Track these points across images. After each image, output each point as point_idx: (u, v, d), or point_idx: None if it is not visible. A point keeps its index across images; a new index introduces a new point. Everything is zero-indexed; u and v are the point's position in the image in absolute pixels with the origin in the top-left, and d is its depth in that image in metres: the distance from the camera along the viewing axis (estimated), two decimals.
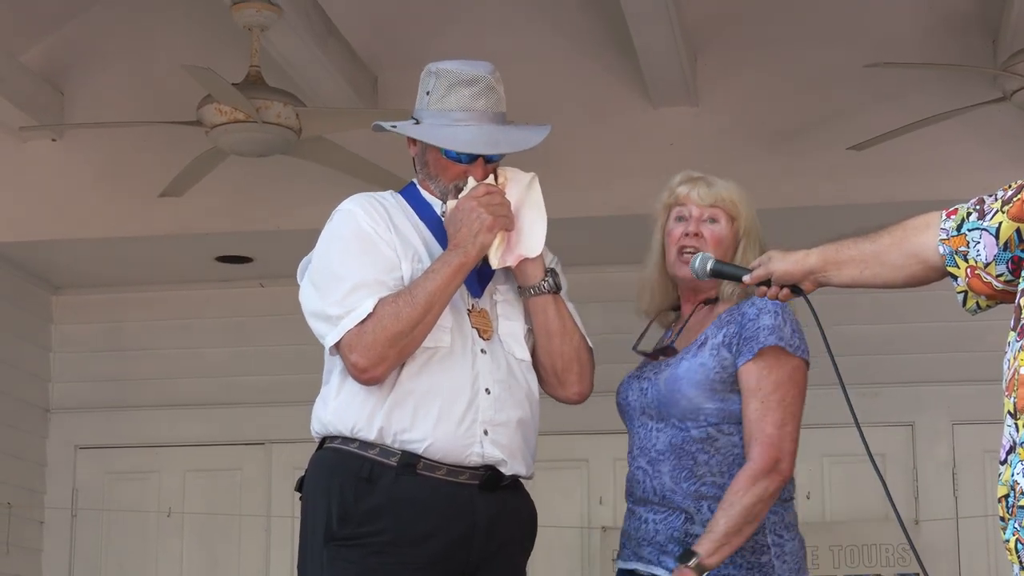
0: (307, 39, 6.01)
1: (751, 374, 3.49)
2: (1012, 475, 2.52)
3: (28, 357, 7.53)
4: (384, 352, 3.27)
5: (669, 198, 3.71)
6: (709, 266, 3.36)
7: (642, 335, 3.77)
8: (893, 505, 3.20)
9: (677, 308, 3.76)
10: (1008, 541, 2.52)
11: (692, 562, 3.34)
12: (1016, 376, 2.52)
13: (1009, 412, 2.54)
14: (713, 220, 3.64)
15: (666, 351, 3.63)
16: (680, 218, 3.66)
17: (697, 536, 3.41)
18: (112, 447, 7.61)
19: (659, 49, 6.05)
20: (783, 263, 3.17)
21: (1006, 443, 2.55)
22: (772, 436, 3.44)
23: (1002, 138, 6.31)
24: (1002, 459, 2.56)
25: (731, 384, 3.52)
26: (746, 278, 3.25)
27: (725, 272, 3.36)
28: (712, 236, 3.62)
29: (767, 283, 3.20)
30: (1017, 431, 2.51)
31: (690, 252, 3.57)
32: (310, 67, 6.19)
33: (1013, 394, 2.52)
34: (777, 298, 3.21)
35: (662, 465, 3.52)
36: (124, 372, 7.62)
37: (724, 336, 3.53)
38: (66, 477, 7.59)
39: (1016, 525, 2.49)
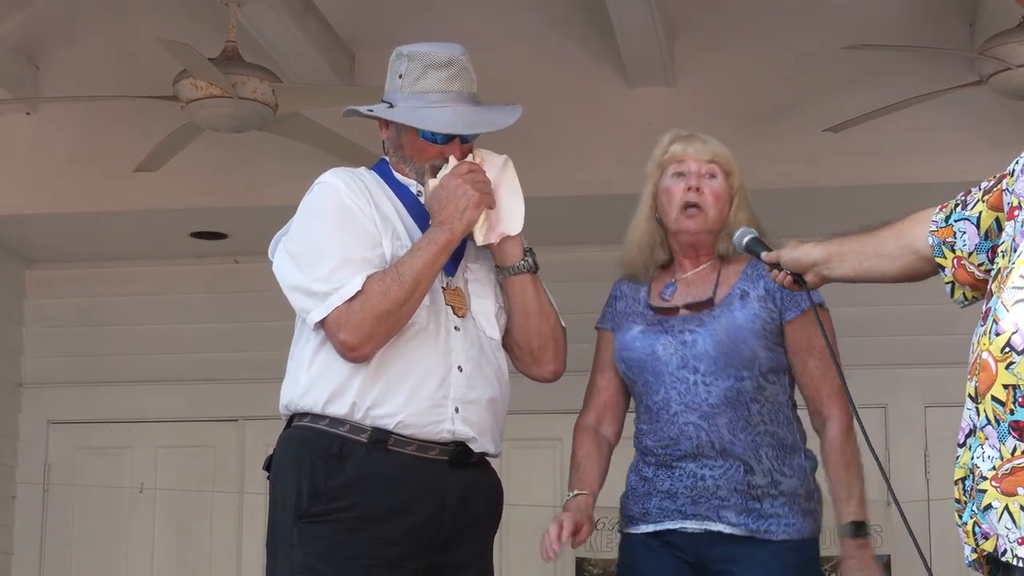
0: (284, 15, 5.99)
1: (802, 330, 3.61)
2: (971, 458, 2.54)
3: (1, 332, 7.50)
4: (373, 330, 3.27)
5: (663, 156, 3.75)
6: (746, 240, 3.48)
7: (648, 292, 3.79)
8: (889, 486, 3.27)
9: (662, 265, 3.79)
10: (965, 524, 2.54)
11: (864, 531, 3.54)
12: (978, 360, 2.55)
13: (970, 395, 2.56)
14: (711, 176, 3.70)
15: (700, 305, 3.66)
16: (678, 175, 3.70)
17: (759, 487, 3.54)
18: (85, 422, 7.59)
19: (637, 28, 6.04)
20: (793, 252, 3.27)
21: (965, 426, 2.58)
22: (840, 390, 3.57)
23: (978, 121, 6.33)
24: (961, 442, 2.59)
25: (777, 336, 3.63)
26: (763, 255, 3.37)
27: (754, 249, 3.46)
28: (712, 192, 3.68)
29: (778, 267, 3.31)
30: (978, 415, 2.53)
31: (695, 207, 3.65)
32: (287, 43, 6.16)
33: (975, 378, 2.55)
34: (782, 284, 3.32)
35: (718, 419, 3.56)
36: (97, 347, 7.60)
37: (766, 290, 3.62)
38: (38, 452, 7.58)
39: (974, 507, 2.52)
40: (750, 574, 3.51)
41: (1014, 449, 2.46)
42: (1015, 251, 2.59)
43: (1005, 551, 2.45)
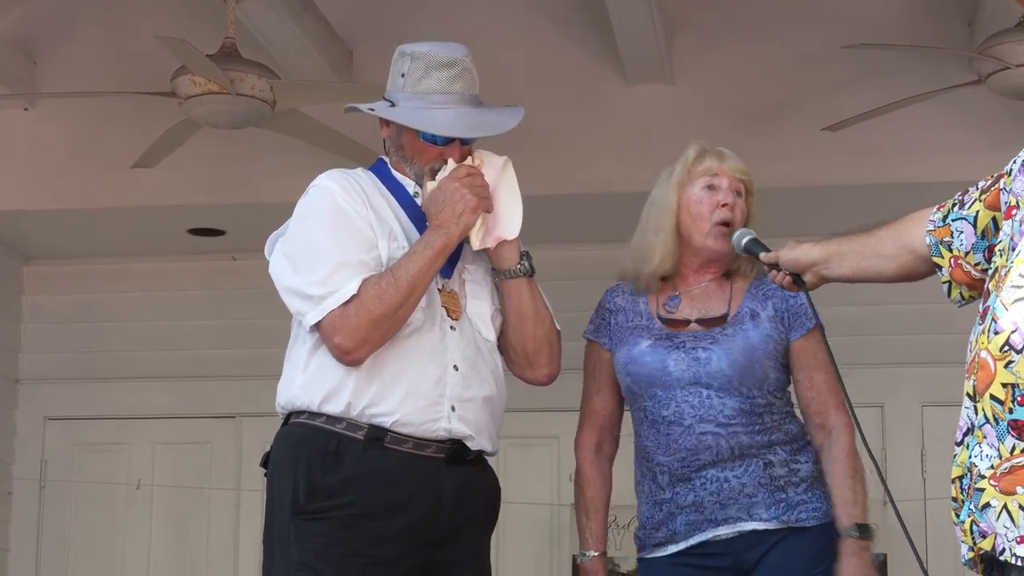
0: (283, 12, 5.98)
1: (808, 347, 3.64)
2: (969, 457, 2.54)
3: None
4: (368, 334, 3.27)
5: (698, 167, 3.72)
6: (745, 241, 3.50)
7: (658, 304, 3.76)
8: (885, 485, 3.26)
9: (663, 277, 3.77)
10: (963, 523, 2.54)
11: (870, 532, 3.54)
12: (976, 359, 2.55)
13: (968, 394, 2.56)
14: (738, 193, 3.71)
15: (713, 321, 3.66)
16: (710, 187, 3.69)
17: (780, 477, 3.57)
18: (82, 419, 7.59)
19: (636, 27, 6.04)
20: (792, 252, 3.28)
21: (963, 425, 2.58)
22: (843, 403, 3.60)
23: (977, 121, 6.33)
24: (958, 440, 2.59)
25: (783, 356, 3.66)
26: (762, 255, 3.39)
27: (753, 250, 3.47)
28: (740, 210, 3.70)
29: (776, 267, 3.32)
30: (975, 413, 2.53)
31: (727, 226, 3.65)
32: (285, 40, 6.16)
33: (973, 376, 2.55)
34: (782, 284, 3.33)
35: (736, 427, 3.57)
36: (94, 344, 7.60)
37: (775, 310, 3.64)
38: (35, 448, 7.57)
39: (971, 506, 2.52)
40: (793, 560, 3.52)
41: (1013, 448, 2.46)
42: (1013, 250, 2.59)
43: (1003, 550, 2.45)
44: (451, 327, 3.41)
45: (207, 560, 7.44)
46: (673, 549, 3.61)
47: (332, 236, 3.35)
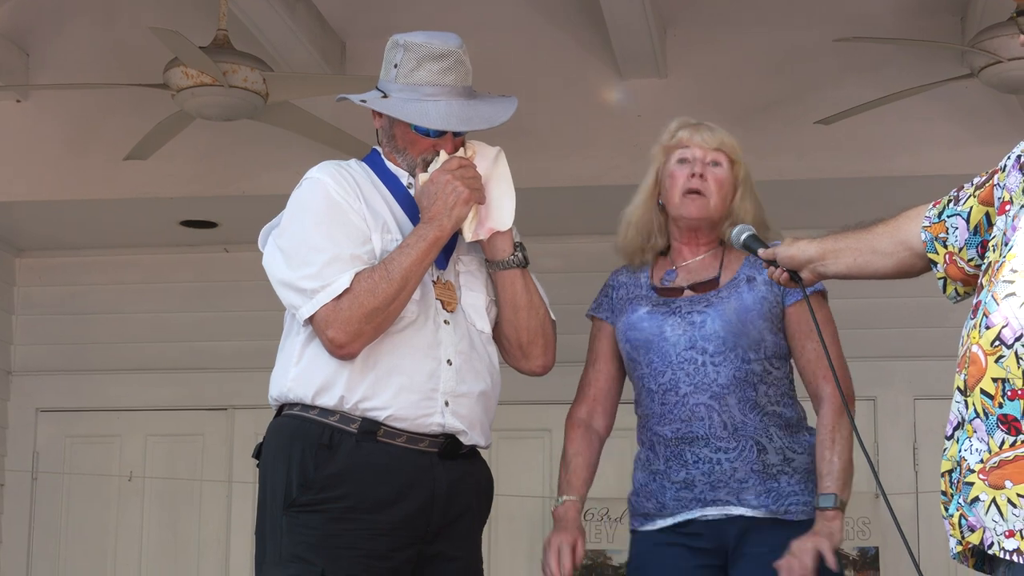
0: (275, 4, 5.98)
1: (802, 314, 3.63)
2: (959, 451, 2.55)
3: None
4: (361, 328, 3.28)
5: (670, 141, 3.76)
6: (744, 237, 3.49)
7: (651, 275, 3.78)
8: (878, 481, 3.26)
9: (661, 253, 3.80)
10: (952, 516, 2.55)
11: (835, 502, 3.50)
12: (968, 353, 2.55)
13: (959, 388, 2.57)
14: (716, 163, 3.72)
15: (705, 285, 3.68)
16: (683, 160, 3.72)
17: (774, 465, 3.57)
18: (74, 411, 7.59)
19: (629, 20, 6.04)
20: (789, 249, 3.29)
21: (953, 419, 2.59)
22: (840, 369, 3.57)
23: (968, 114, 6.33)
24: (948, 434, 2.60)
25: (780, 321, 3.67)
26: (760, 252, 3.40)
27: (752, 246, 3.48)
28: (715, 179, 3.70)
29: (774, 263, 3.34)
30: (966, 408, 2.54)
31: (696, 194, 3.67)
32: (278, 32, 6.16)
33: (964, 371, 2.56)
34: (778, 281, 3.35)
35: (728, 398, 3.58)
36: (86, 335, 7.59)
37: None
38: (27, 440, 7.57)
39: (960, 500, 2.53)
40: (775, 553, 3.48)
41: (1002, 442, 2.46)
42: (1006, 245, 2.60)
43: (992, 544, 2.45)
44: (445, 321, 3.41)
45: (199, 552, 7.45)
46: (660, 524, 3.62)
47: (325, 229, 3.35)
